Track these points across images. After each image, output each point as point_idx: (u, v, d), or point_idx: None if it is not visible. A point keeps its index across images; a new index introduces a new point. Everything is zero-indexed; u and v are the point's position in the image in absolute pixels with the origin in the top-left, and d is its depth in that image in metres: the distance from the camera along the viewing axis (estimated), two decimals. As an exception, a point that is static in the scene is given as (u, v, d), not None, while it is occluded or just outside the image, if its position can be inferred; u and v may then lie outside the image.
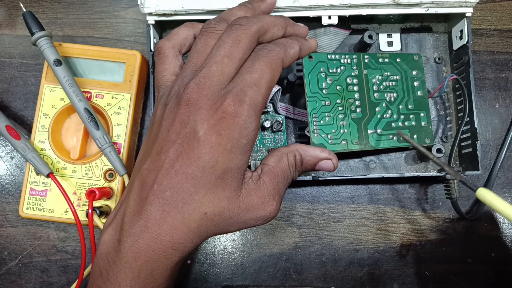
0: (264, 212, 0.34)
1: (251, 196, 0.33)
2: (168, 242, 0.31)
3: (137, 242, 0.31)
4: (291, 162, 0.36)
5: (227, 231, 0.34)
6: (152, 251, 0.31)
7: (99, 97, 0.48)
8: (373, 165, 0.49)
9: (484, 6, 0.54)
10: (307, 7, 0.44)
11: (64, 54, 0.49)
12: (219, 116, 0.31)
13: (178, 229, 0.31)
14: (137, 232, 0.31)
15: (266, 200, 0.34)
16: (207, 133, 0.31)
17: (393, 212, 0.51)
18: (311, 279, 0.50)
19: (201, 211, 0.31)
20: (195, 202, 0.31)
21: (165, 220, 0.31)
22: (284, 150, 0.36)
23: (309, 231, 0.50)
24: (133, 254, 0.31)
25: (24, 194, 0.47)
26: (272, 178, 0.35)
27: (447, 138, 0.49)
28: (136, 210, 0.32)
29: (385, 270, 0.50)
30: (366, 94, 0.44)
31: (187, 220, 0.31)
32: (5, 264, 0.50)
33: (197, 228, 0.32)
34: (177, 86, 0.34)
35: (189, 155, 0.31)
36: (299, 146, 0.37)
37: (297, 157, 0.36)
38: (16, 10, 0.53)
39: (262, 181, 0.34)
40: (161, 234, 0.31)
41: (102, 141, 0.45)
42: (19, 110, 0.52)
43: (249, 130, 0.32)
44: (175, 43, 0.38)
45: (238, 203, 0.33)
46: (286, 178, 0.36)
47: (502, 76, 0.53)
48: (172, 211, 0.31)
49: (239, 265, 0.50)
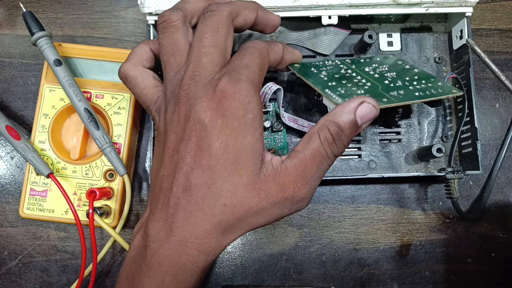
0: (287, 200, 0.31)
1: (269, 183, 0.31)
2: (192, 244, 0.31)
3: (162, 247, 0.31)
4: (325, 138, 0.31)
5: (254, 225, 0.32)
6: (177, 255, 0.31)
7: (99, 97, 0.48)
8: (373, 165, 0.49)
9: (484, 6, 0.54)
10: (307, 7, 0.44)
11: (64, 54, 0.49)
12: (218, 97, 0.31)
13: (201, 228, 0.31)
14: (163, 237, 0.31)
15: (288, 187, 0.31)
16: (212, 118, 0.30)
17: (393, 212, 0.51)
18: (311, 279, 0.50)
19: (220, 203, 0.31)
20: (214, 194, 0.31)
21: (188, 221, 0.31)
22: (314, 128, 0.32)
23: (309, 231, 0.50)
24: (158, 260, 0.31)
25: (24, 194, 0.47)
26: (297, 163, 0.31)
27: (447, 138, 0.49)
28: (160, 216, 0.32)
29: (385, 270, 0.50)
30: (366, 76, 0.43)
31: (208, 216, 0.31)
32: (5, 264, 0.50)
33: (219, 223, 0.31)
34: (170, 90, 0.34)
35: (200, 147, 0.31)
36: (328, 116, 0.32)
37: (332, 128, 0.31)
38: (16, 10, 0.53)
39: (283, 167, 0.32)
40: (185, 236, 0.31)
41: (102, 141, 0.45)
42: (19, 110, 0.52)
43: (252, 104, 0.31)
44: (136, 62, 0.37)
45: (256, 190, 0.31)
46: (320, 159, 0.32)
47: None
48: (193, 210, 0.31)
49: (239, 265, 0.50)
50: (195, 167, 0.31)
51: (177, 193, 0.31)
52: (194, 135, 0.31)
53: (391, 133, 0.49)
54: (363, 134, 0.49)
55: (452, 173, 0.45)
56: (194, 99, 0.31)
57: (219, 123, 0.30)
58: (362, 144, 0.49)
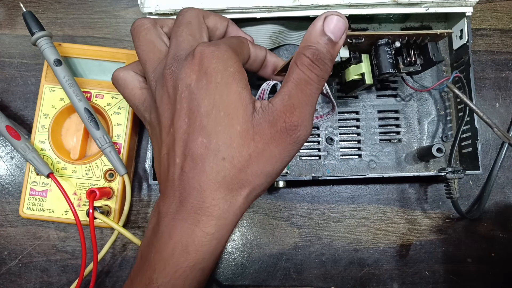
0: (282, 133, 0.31)
1: (260, 125, 0.31)
2: (201, 209, 0.31)
3: (173, 219, 0.31)
4: (302, 63, 0.31)
5: (261, 175, 0.32)
6: (187, 225, 0.31)
7: (99, 97, 0.48)
8: (373, 165, 0.49)
9: (484, 6, 0.54)
10: (307, 7, 0.44)
11: (64, 54, 0.49)
12: (199, 59, 0.31)
13: (206, 190, 0.31)
14: (173, 210, 0.31)
15: (278, 120, 0.31)
16: (197, 80, 0.31)
17: (393, 212, 0.51)
18: (311, 279, 0.50)
19: (219, 158, 0.31)
20: (212, 152, 0.31)
21: (194, 187, 0.31)
22: (292, 60, 0.32)
23: (309, 231, 0.50)
24: (168, 232, 0.31)
25: (24, 194, 0.47)
26: (281, 96, 0.31)
27: (448, 137, 0.49)
28: (168, 192, 0.32)
29: (385, 270, 0.50)
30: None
31: (210, 175, 0.31)
32: (5, 264, 0.50)
33: (223, 180, 0.31)
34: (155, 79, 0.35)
35: (191, 111, 0.31)
36: (300, 45, 0.32)
37: (306, 51, 0.31)
38: (16, 10, 0.53)
39: (270, 105, 0.31)
40: (193, 203, 0.31)
41: (102, 141, 0.45)
42: (19, 110, 0.52)
43: (232, 60, 0.32)
44: (128, 68, 0.39)
45: (250, 136, 0.31)
46: (303, 85, 0.31)
47: (502, 76, 0.53)
48: (195, 174, 0.31)
49: (239, 265, 0.50)
50: (190, 132, 0.31)
51: (179, 163, 0.31)
52: (185, 101, 0.31)
53: (391, 133, 0.49)
54: (363, 134, 0.49)
55: (452, 173, 0.45)
56: (178, 71, 0.32)
57: (204, 82, 0.31)
58: (362, 144, 0.49)
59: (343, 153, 0.49)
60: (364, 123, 0.49)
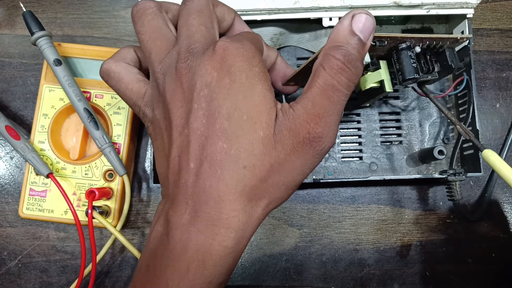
0: (304, 144, 0.28)
1: (282, 132, 0.29)
2: (219, 221, 0.28)
3: (187, 231, 0.28)
4: (331, 66, 0.28)
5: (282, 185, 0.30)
6: (203, 238, 0.28)
7: (98, 97, 0.48)
8: (375, 167, 0.49)
9: (485, 6, 0.54)
10: (307, 9, 0.43)
11: (64, 54, 0.48)
12: (221, 56, 0.29)
13: (225, 200, 0.28)
14: (186, 221, 0.28)
15: (300, 129, 0.28)
16: (219, 78, 0.28)
17: (394, 212, 0.51)
18: (311, 279, 0.50)
19: (239, 166, 0.28)
20: (232, 158, 0.28)
21: (211, 196, 0.28)
22: (316, 63, 0.29)
23: (309, 231, 0.50)
24: (182, 245, 0.28)
25: (23, 194, 0.47)
26: (305, 103, 0.29)
27: (449, 139, 0.49)
28: (180, 200, 0.29)
29: (385, 270, 0.50)
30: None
31: (230, 184, 0.28)
32: (5, 264, 0.49)
33: (243, 189, 0.28)
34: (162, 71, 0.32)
35: (211, 112, 0.28)
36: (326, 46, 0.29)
37: (336, 53, 0.28)
38: (16, 10, 0.53)
39: (291, 111, 0.29)
40: (210, 214, 0.28)
41: (102, 141, 0.45)
42: (19, 110, 0.52)
43: (257, 59, 0.30)
44: (118, 59, 0.35)
45: (272, 144, 0.29)
46: (331, 92, 0.28)
47: (503, 76, 0.53)
48: (213, 182, 0.28)
49: (239, 265, 0.50)
50: (209, 135, 0.28)
51: (194, 169, 0.28)
52: (203, 101, 0.29)
53: (392, 135, 0.49)
54: (365, 136, 0.49)
55: (454, 175, 0.45)
56: (196, 67, 0.29)
57: (227, 81, 0.29)
58: (363, 146, 0.49)
59: (344, 155, 0.49)
60: (365, 125, 0.49)
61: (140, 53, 0.36)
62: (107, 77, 0.35)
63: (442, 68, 0.39)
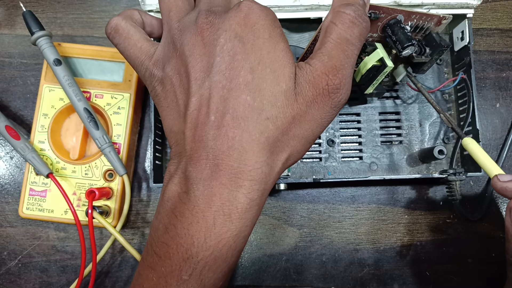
0: (324, 96, 0.29)
1: (301, 84, 0.29)
2: (243, 173, 0.28)
3: (210, 186, 0.28)
4: (343, 21, 0.30)
5: (301, 137, 0.30)
6: (228, 191, 0.28)
7: (98, 97, 0.48)
8: (375, 167, 0.49)
9: (485, 5, 0.54)
10: (307, 7, 0.43)
11: (64, 54, 0.48)
12: (245, 13, 0.29)
13: (249, 151, 0.28)
14: (208, 175, 0.28)
15: (320, 81, 0.29)
16: (243, 34, 0.29)
17: (394, 212, 0.51)
18: (311, 279, 0.50)
19: (262, 117, 0.28)
20: (255, 110, 0.28)
21: (234, 148, 0.28)
22: (326, 21, 0.31)
23: (309, 231, 0.50)
24: (206, 200, 0.28)
25: (23, 194, 0.47)
26: (321, 58, 0.30)
27: (449, 139, 0.49)
28: (199, 154, 0.28)
29: (385, 270, 0.50)
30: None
31: (253, 135, 0.28)
32: (5, 264, 0.49)
33: (266, 141, 0.28)
34: (180, 28, 0.31)
35: (234, 66, 0.29)
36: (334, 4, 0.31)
37: (347, 9, 0.30)
38: (16, 10, 0.53)
39: (308, 66, 0.30)
40: (233, 166, 0.28)
41: (102, 141, 0.45)
42: (19, 110, 0.52)
43: (277, 22, 0.31)
44: (126, 17, 0.34)
45: (294, 96, 0.29)
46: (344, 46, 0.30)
47: (503, 75, 0.53)
48: (237, 134, 0.28)
49: (239, 265, 0.50)
50: (232, 87, 0.28)
51: (215, 121, 0.28)
52: (227, 54, 0.29)
53: (392, 134, 0.49)
54: (365, 136, 0.49)
55: (454, 175, 0.45)
56: (219, 23, 0.30)
57: (251, 37, 0.29)
58: (363, 146, 0.49)
59: (344, 155, 0.49)
60: (365, 125, 0.49)
61: (144, 16, 0.36)
62: (115, 33, 0.34)
63: (433, 49, 0.41)
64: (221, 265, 0.29)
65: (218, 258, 0.28)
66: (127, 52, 0.33)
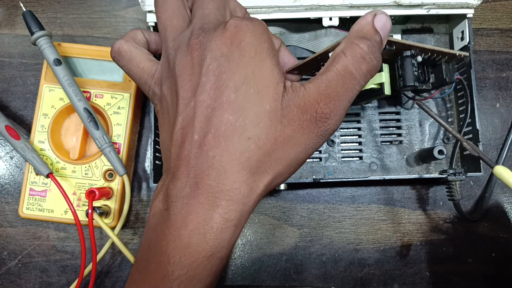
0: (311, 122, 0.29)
1: (290, 107, 0.29)
2: (220, 193, 0.28)
3: (187, 204, 0.28)
4: (353, 55, 0.29)
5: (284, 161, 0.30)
6: (204, 210, 0.28)
7: (98, 97, 0.48)
8: (375, 167, 0.49)
9: (485, 5, 0.54)
10: (307, 7, 0.43)
11: (64, 54, 0.48)
12: (232, 32, 0.29)
13: (228, 171, 0.28)
14: (187, 193, 0.28)
15: (309, 107, 0.28)
16: (228, 53, 0.29)
17: (394, 212, 0.51)
18: (311, 279, 0.50)
19: (244, 137, 0.28)
20: (237, 130, 0.28)
21: (213, 167, 0.28)
22: (337, 50, 0.30)
23: (309, 231, 0.50)
24: (182, 218, 0.28)
25: (23, 194, 0.47)
26: (318, 83, 0.29)
27: (449, 139, 0.49)
28: (181, 172, 0.29)
29: (385, 270, 0.50)
30: None
31: (234, 155, 0.28)
32: (5, 264, 0.49)
33: (246, 161, 0.28)
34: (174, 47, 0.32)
35: (218, 85, 0.29)
36: (350, 35, 0.30)
37: (362, 43, 0.29)
38: (16, 10, 0.53)
39: (302, 89, 0.29)
40: (211, 185, 0.28)
41: (102, 141, 0.45)
42: (19, 110, 0.52)
43: (266, 35, 0.30)
44: (129, 39, 0.36)
45: (279, 118, 0.29)
46: (347, 79, 0.29)
47: (503, 75, 0.53)
48: (217, 153, 0.28)
49: (239, 265, 0.50)
50: (215, 107, 0.28)
51: (197, 140, 0.28)
52: (212, 74, 0.29)
53: (392, 135, 0.49)
54: (365, 136, 0.49)
55: (454, 175, 0.45)
56: (207, 42, 0.30)
57: (236, 56, 0.29)
58: (363, 146, 0.49)
59: (344, 155, 0.49)
60: (365, 125, 0.49)
61: (148, 35, 0.37)
62: (119, 56, 0.35)
63: (436, 80, 0.39)
64: (196, 285, 0.29)
65: (193, 278, 0.28)
66: (131, 73, 0.35)
